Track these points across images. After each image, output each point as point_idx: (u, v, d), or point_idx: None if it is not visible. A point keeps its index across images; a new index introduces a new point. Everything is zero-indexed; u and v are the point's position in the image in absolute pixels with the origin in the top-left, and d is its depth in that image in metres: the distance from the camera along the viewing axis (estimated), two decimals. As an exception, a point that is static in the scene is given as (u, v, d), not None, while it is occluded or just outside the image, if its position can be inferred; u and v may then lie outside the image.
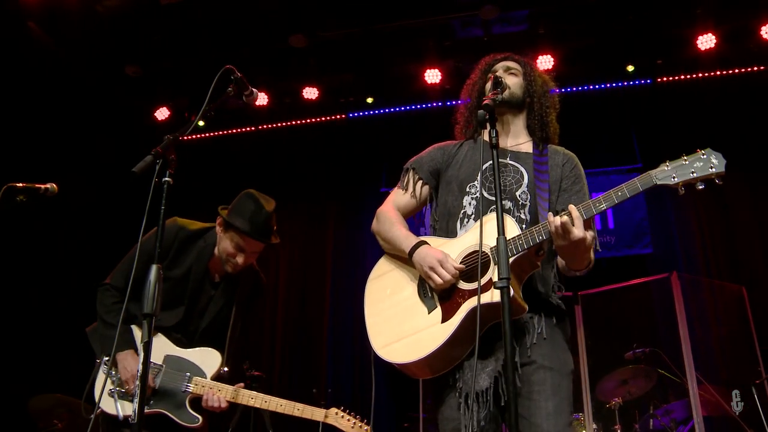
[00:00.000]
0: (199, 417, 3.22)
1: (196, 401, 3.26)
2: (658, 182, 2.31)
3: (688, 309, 6.21)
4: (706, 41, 6.71)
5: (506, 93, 2.71)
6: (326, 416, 3.23)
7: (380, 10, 6.82)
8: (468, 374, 2.44)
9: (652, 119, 7.61)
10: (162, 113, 7.84)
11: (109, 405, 3.20)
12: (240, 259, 3.32)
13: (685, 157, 2.30)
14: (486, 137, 2.45)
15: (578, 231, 2.26)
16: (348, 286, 7.76)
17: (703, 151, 2.29)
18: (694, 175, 2.26)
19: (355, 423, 3.25)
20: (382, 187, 7.70)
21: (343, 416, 3.24)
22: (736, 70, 7.09)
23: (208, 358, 3.33)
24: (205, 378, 3.28)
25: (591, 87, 7.49)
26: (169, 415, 3.22)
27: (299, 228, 8.37)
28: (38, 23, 6.58)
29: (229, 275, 3.44)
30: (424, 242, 2.62)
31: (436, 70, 7.19)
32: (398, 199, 2.87)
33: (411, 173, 2.86)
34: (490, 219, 2.37)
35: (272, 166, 8.47)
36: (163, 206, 2.21)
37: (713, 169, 2.24)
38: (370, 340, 2.62)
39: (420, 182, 2.83)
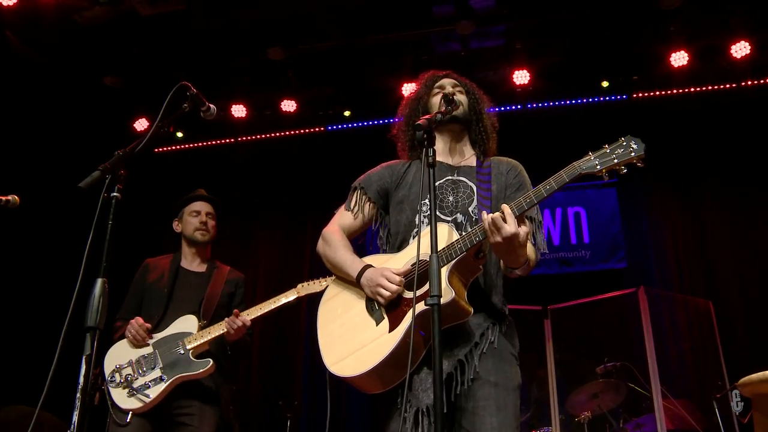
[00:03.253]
0: (209, 360, 3.65)
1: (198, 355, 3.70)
2: (583, 171, 2.37)
3: (656, 323, 6.27)
4: (679, 58, 6.79)
5: (459, 110, 2.78)
6: None
7: (358, 23, 6.87)
8: (416, 388, 2.44)
9: (627, 134, 7.67)
10: (141, 124, 7.83)
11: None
12: (202, 218, 4.13)
13: (607, 146, 2.38)
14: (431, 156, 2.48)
15: (510, 227, 2.30)
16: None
17: (623, 139, 2.37)
18: (616, 160, 2.33)
19: None
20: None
21: None
22: (709, 87, 7.18)
23: (185, 323, 3.78)
24: (192, 334, 3.73)
25: (567, 102, 7.56)
26: (185, 374, 3.61)
27: (277, 240, 8.40)
28: (15, 33, 6.58)
29: (208, 270, 4.09)
30: (369, 265, 2.66)
31: (414, 84, 7.20)
32: (344, 219, 2.90)
33: (358, 193, 2.89)
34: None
35: (251, 178, 8.50)
36: (111, 221, 2.23)
37: (633, 153, 2.32)
38: (322, 358, 2.63)
39: (368, 203, 2.87)
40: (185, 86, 2.63)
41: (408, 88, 7.23)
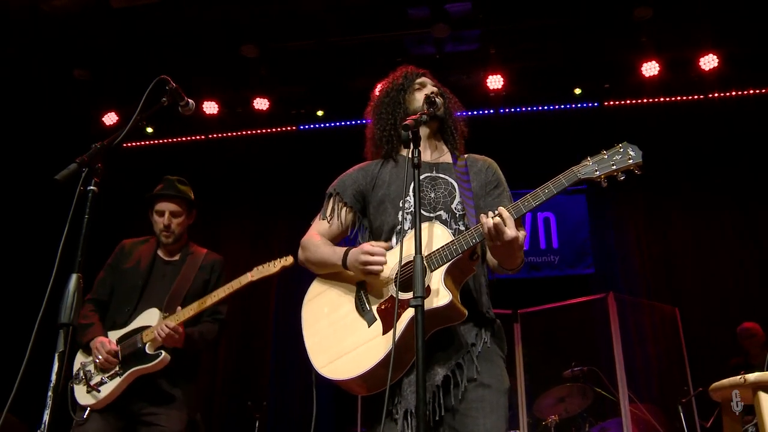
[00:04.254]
0: (161, 351, 3.55)
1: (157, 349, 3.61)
2: (582, 176, 2.35)
3: (624, 329, 6.35)
4: (650, 68, 6.90)
5: (441, 111, 2.78)
6: None
7: (333, 24, 6.85)
8: (406, 389, 2.41)
9: (598, 142, 7.74)
10: (110, 118, 7.69)
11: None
12: (165, 220, 3.91)
13: (605, 152, 2.36)
14: (407, 155, 2.43)
15: (510, 231, 2.29)
16: (294, 298, 7.60)
17: (620, 145, 2.36)
18: (614, 167, 2.32)
19: None
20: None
21: None
22: (678, 98, 7.33)
23: (147, 317, 3.69)
24: (150, 327, 3.63)
25: (539, 108, 7.64)
26: (138, 367, 3.54)
27: (247, 239, 8.31)
28: (-21, 21, 6.42)
29: (181, 258, 3.97)
30: (351, 248, 2.61)
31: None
32: (321, 227, 2.82)
33: (334, 199, 2.82)
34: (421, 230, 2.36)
35: (221, 175, 8.40)
36: (87, 215, 2.16)
37: (631, 160, 2.31)
38: (311, 360, 2.55)
39: (345, 208, 2.80)
40: (164, 80, 2.57)
41: (382, 91, 7.21)
